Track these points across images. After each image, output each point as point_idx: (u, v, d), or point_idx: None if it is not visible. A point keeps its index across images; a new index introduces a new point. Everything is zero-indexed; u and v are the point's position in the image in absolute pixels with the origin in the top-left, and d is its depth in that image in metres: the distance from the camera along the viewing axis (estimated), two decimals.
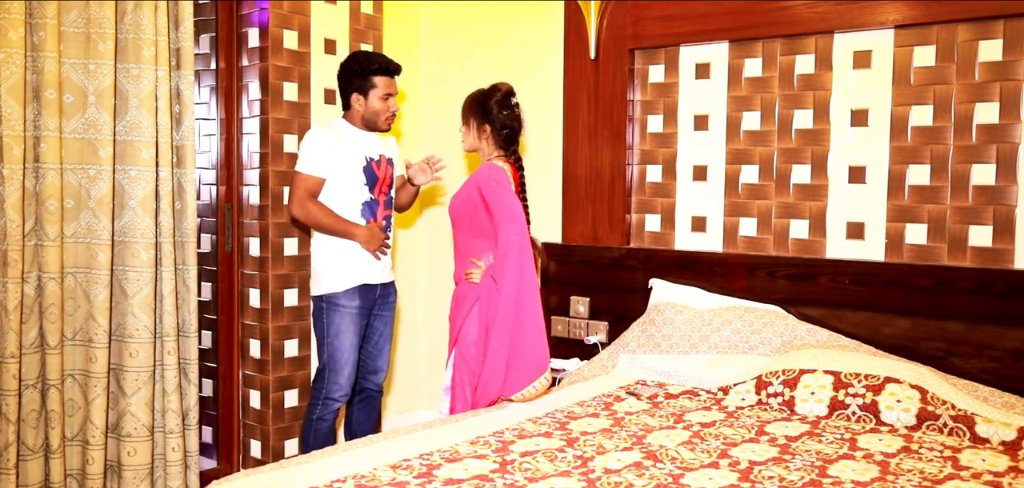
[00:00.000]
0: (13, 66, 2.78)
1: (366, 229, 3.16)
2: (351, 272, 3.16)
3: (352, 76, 3.18)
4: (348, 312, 3.16)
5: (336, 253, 3.16)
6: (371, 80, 3.16)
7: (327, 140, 3.13)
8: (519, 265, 2.84)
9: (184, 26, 3.25)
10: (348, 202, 3.16)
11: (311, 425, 3.20)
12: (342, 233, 3.12)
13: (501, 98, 3.07)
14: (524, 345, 2.83)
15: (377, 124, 3.21)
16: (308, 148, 3.12)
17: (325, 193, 3.14)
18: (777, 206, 3.36)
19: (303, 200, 3.09)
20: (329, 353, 3.17)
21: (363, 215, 3.18)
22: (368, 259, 3.19)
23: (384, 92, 3.18)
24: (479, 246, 3.02)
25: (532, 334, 2.85)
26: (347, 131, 3.20)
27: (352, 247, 3.16)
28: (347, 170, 3.14)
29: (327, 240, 3.17)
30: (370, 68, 3.17)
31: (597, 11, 3.67)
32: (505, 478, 2.08)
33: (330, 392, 3.18)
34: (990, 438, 2.42)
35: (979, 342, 2.87)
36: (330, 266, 3.16)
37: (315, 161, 3.10)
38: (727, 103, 3.46)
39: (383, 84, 3.18)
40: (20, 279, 2.86)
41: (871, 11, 3.09)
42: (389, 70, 3.19)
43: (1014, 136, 2.89)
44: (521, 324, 2.84)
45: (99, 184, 3.05)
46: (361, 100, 3.18)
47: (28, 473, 2.94)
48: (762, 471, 2.17)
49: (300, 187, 3.10)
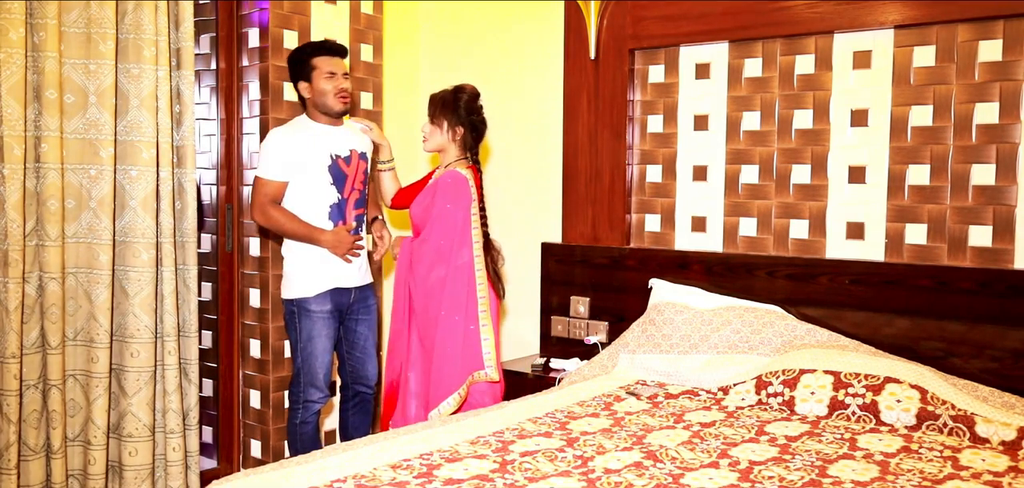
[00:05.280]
0: (14, 66, 2.79)
1: (332, 234, 3.08)
2: (322, 277, 3.10)
3: (293, 66, 3.13)
4: (320, 317, 3.10)
5: (305, 257, 3.10)
6: (310, 63, 3.09)
7: (284, 141, 3.05)
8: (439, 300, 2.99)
9: (184, 26, 3.25)
10: (314, 205, 3.08)
11: (296, 430, 3.17)
12: (307, 238, 3.06)
13: (469, 100, 3.08)
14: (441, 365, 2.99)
15: (329, 105, 3.10)
16: (265, 151, 3.05)
17: (289, 197, 3.07)
18: (777, 206, 3.36)
19: (264, 206, 3.03)
20: (303, 358, 3.12)
21: (331, 218, 3.11)
22: (339, 262, 3.12)
23: (327, 70, 3.09)
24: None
25: (446, 357, 2.98)
26: (308, 128, 3.12)
27: (319, 251, 3.10)
28: (310, 171, 3.07)
29: (294, 244, 3.11)
30: (305, 52, 3.11)
31: (597, 11, 3.67)
32: (505, 478, 2.09)
33: (308, 395, 3.14)
34: (990, 438, 2.42)
35: (979, 342, 2.87)
36: (299, 270, 3.10)
37: (273, 165, 3.03)
38: (727, 103, 3.46)
39: (323, 63, 3.09)
40: (21, 279, 2.86)
41: (871, 11, 3.09)
42: (328, 49, 3.12)
43: (1014, 136, 2.89)
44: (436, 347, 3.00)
45: (100, 184, 3.05)
46: (307, 87, 3.10)
47: (29, 473, 2.94)
48: (762, 471, 2.17)
49: (260, 193, 3.04)
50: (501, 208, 4.09)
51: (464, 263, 2.99)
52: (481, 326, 3.00)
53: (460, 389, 2.96)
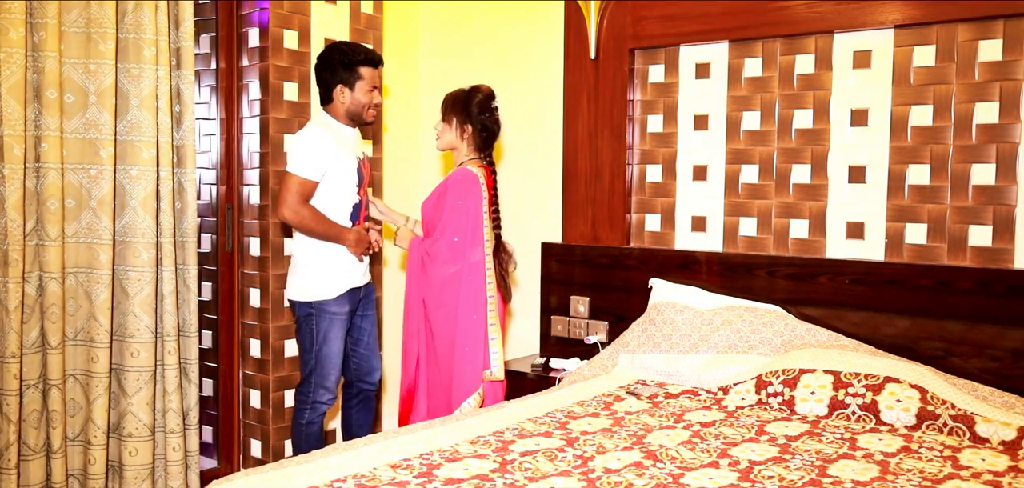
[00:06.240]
0: (14, 66, 2.79)
1: (355, 232, 3.07)
2: (340, 278, 3.08)
3: (337, 68, 3.05)
4: (338, 318, 3.08)
5: (324, 259, 3.06)
6: (358, 71, 3.05)
7: (322, 141, 2.98)
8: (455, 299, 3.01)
9: (184, 26, 3.25)
10: (340, 205, 3.06)
11: (301, 430, 3.13)
12: (335, 238, 3.02)
13: (483, 100, 3.09)
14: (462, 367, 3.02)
15: (362, 117, 3.09)
16: (305, 148, 2.96)
17: (318, 196, 3.02)
18: (777, 206, 3.36)
19: (295, 204, 2.94)
20: (317, 360, 3.07)
21: (352, 218, 3.10)
22: (353, 262, 3.11)
23: (370, 84, 3.07)
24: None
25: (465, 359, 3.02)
26: (339, 129, 3.08)
27: (339, 252, 3.06)
28: (342, 172, 3.04)
29: (314, 245, 3.05)
30: (356, 59, 3.05)
31: (597, 11, 3.67)
32: (505, 478, 2.09)
33: (318, 396, 3.10)
34: (990, 438, 2.42)
35: (979, 342, 2.87)
36: (318, 272, 3.06)
37: (312, 163, 2.96)
38: (727, 103, 3.46)
39: (369, 76, 3.07)
40: (21, 279, 2.86)
41: (871, 11, 3.09)
42: (374, 61, 3.10)
43: (1014, 136, 2.89)
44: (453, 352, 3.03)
45: (100, 184, 3.05)
46: (346, 93, 3.06)
47: (29, 473, 2.94)
48: (762, 471, 2.17)
49: (293, 190, 2.94)
50: (502, 208, 4.08)
51: (477, 261, 3.01)
52: (489, 325, 3.02)
53: (479, 388, 3.01)
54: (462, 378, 3.00)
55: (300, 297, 3.08)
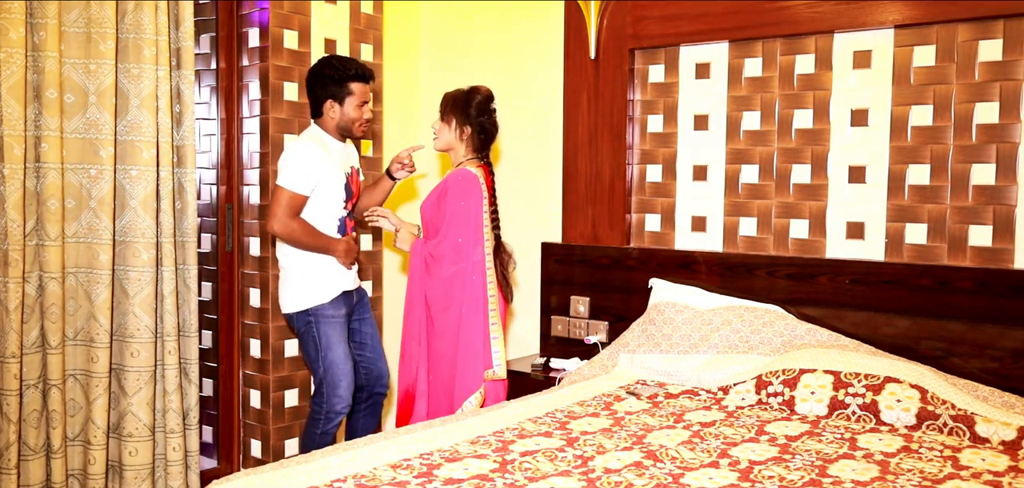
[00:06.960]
0: (14, 66, 2.79)
1: (344, 243, 3.12)
2: (332, 281, 3.11)
3: (327, 83, 3.07)
4: (337, 321, 3.10)
5: (314, 266, 3.09)
6: (348, 87, 3.07)
7: (313, 155, 3.02)
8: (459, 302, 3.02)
9: (184, 26, 3.25)
10: (328, 218, 3.09)
11: (315, 439, 3.11)
12: (322, 250, 3.06)
13: (482, 101, 3.10)
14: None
15: (352, 132, 3.13)
16: (296, 163, 3.00)
17: (307, 209, 3.05)
18: (777, 206, 3.36)
19: (285, 218, 2.97)
20: (325, 367, 3.08)
21: (339, 230, 3.14)
22: (341, 267, 3.14)
23: (360, 100, 3.10)
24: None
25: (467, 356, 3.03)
26: (329, 144, 3.11)
27: (324, 258, 3.10)
28: (331, 186, 3.08)
29: (302, 254, 3.08)
30: (346, 74, 3.07)
31: (597, 11, 3.67)
32: (505, 478, 2.09)
33: (333, 405, 3.10)
34: (990, 438, 2.42)
35: (979, 342, 2.87)
36: (309, 280, 3.08)
37: (303, 178, 2.99)
38: (727, 103, 3.46)
39: (359, 91, 3.09)
40: (21, 279, 2.86)
41: (871, 11, 3.09)
42: (365, 77, 3.11)
43: (1014, 136, 2.89)
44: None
45: (100, 184, 3.05)
46: (336, 107, 3.08)
47: (29, 473, 2.94)
48: (762, 471, 2.17)
49: (281, 204, 2.97)
50: (502, 208, 4.07)
51: (478, 261, 3.02)
52: (490, 324, 3.03)
53: (481, 387, 3.02)
54: (464, 377, 3.02)
55: (296, 307, 3.11)
